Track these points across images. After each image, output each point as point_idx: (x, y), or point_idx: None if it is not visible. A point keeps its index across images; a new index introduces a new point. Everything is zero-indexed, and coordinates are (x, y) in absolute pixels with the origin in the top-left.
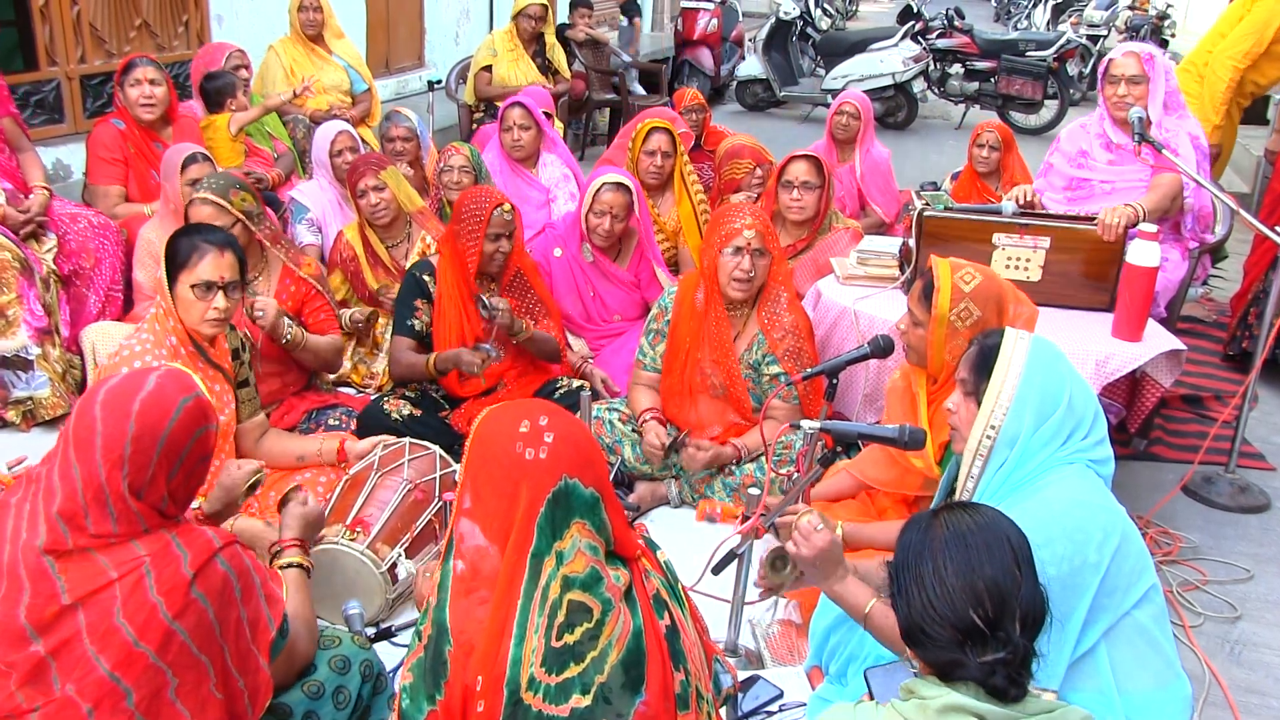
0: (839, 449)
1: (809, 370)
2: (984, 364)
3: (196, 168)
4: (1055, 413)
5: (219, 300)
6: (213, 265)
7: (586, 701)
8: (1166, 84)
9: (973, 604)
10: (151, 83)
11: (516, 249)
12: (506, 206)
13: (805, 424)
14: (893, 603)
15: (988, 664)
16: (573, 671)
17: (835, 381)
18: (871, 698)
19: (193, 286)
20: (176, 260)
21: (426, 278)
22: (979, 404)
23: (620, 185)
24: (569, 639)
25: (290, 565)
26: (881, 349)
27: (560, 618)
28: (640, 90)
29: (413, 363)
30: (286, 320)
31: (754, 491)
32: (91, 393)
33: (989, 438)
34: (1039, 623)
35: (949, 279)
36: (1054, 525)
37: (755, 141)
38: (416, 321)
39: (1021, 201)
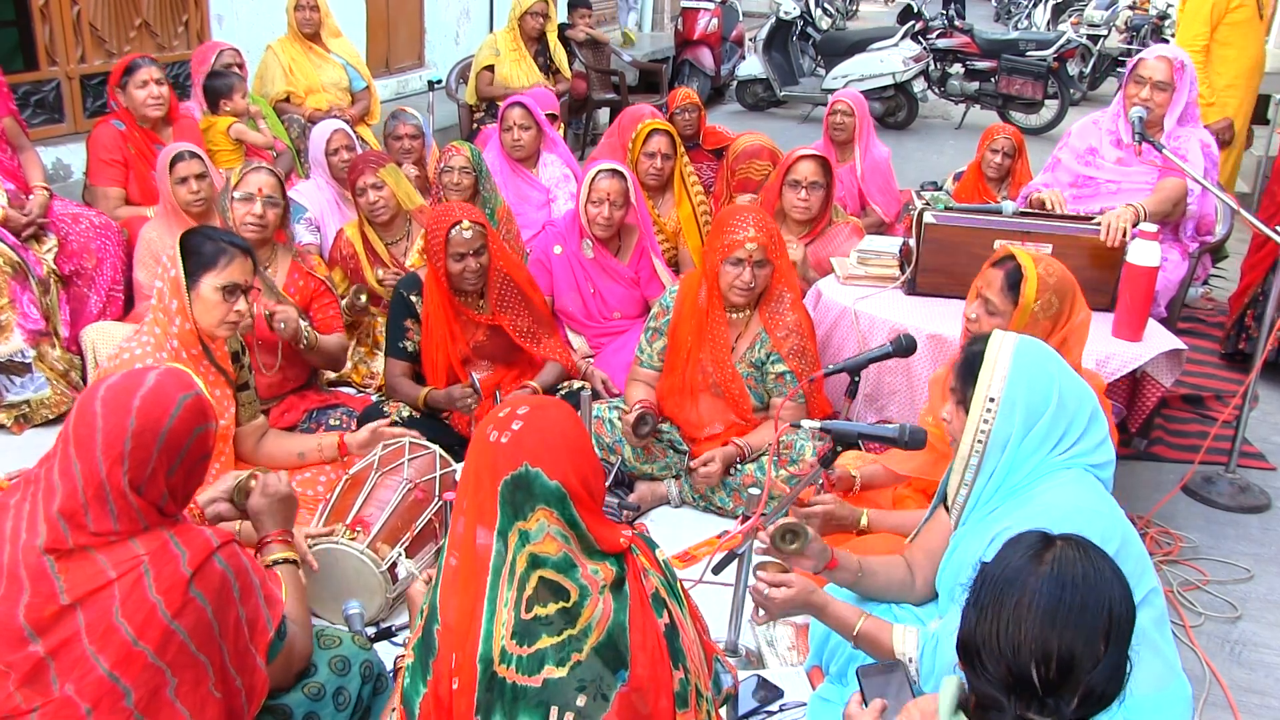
0: (839, 449)
1: (831, 367)
2: (970, 371)
3: (184, 165)
4: (1045, 412)
5: (240, 304)
6: (240, 268)
7: (561, 673)
8: (1189, 94)
9: (1037, 659)
10: (158, 82)
11: (503, 261)
12: (465, 224)
13: (805, 423)
14: (964, 608)
15: None
16: (545, 643)
17: (857, 379)
18: (864, 698)
19: (221, 288)
20: (200, 260)
21: (414, 297)
22: (968, 411)
23: (615, 172)
24: (540, 611)
25: (278, 561)
26: (904, 348)
27: (529, 590)
28: None
29: (406, 393)
30: (304, 325)
31: (754, 491)
32: (91, 391)
33: (980, 443)
34: (1103, 703)
35: (1034, 270)
36: None
37: (771, 142)
38: (408, 343)
39: (1047, 204)
